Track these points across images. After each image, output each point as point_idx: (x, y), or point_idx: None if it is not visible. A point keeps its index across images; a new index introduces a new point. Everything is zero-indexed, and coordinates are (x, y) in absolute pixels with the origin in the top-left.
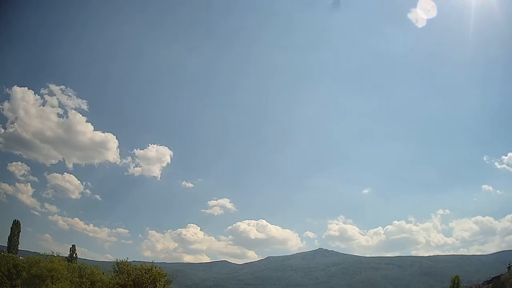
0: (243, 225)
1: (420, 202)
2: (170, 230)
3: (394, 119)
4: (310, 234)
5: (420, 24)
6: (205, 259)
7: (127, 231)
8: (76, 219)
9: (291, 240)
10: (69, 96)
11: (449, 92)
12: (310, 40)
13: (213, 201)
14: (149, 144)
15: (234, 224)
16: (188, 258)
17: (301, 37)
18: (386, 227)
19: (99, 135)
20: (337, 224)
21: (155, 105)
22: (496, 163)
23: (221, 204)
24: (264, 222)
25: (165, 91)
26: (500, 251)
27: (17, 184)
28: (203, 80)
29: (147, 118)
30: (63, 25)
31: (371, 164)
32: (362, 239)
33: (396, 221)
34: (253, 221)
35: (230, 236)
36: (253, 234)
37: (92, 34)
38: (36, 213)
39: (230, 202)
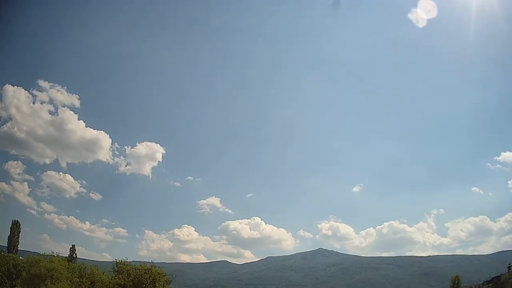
0: (233, 224)
1: (414, 202)
2: (166, 230)
3: (392, 118)
4: (303, 233)
5: (421, 24)
6: (202, 259)
7: (124, 230)
8: (72, 218)
9: (285, 240)
10: (61, 94)
11: (448, 92)
12: (310, 40)
13: (203, 200)
14: (142, 142)
15: (223, 224)
16: (184, 258)
17: (302, 37)
18: (380, 227)
19: (92, 133)
20: (327, 223)
21: (147, 102)
22: (491, 163)
23: (213, 203)
24: (258, 220)
25: (158, 88)
26: (500, 251)
27: (13, 183)
28: (200, 80)
29: (139, 115)
30: (54, 23)
31: (364, 164)
32: (357, 240)
33: (390, 221)
34: (245, 220)
35: (224, 236)
36: (246, 233)
37: (84, 32)
38: (33, 211)
39: (221, 202)
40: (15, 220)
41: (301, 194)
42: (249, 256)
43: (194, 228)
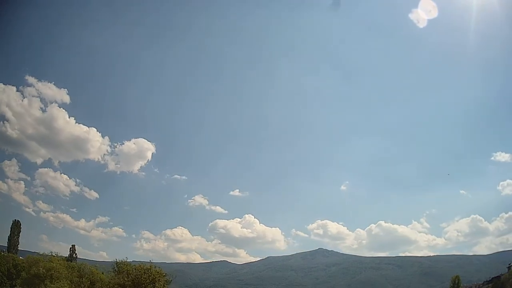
0: (223, 223)
1: (406, 202)
2: (160, 230)
3: (390, 118)
4: (296, 233)
5: (421, 25)
6: (198, 258)
7: (119, 229)
8: (68, 217)
9: (278, 239)
10: (50, 89)
11: (446, 92)
12: (309, 40)
13: (192, 199)
14: (132, 139)
15: (212, 223)
16: (180, 257)
17: (301, 37)
18: (372, 227)
19: (84, 131)
20: (317, 223)
21: (135, 98)
22: (485, 163)
23: (201, 202)
24: (250, 218)
25: (150, 86)
26: (499, 251)
27: (10, 182)
28: (194, 79)
29: (129, 111)
30: (42, 20)
31: (358, 164)
32: (351, 240)
33: (382, 221)
34: (237, 218)
35: (216, 235)
36: (237, 232)
37: (73, 28)
38: (29, 211)
39: (209, 200)
40: (15, 220)
41: (290, 193)
42: (244, 256)
43: (187, 228)
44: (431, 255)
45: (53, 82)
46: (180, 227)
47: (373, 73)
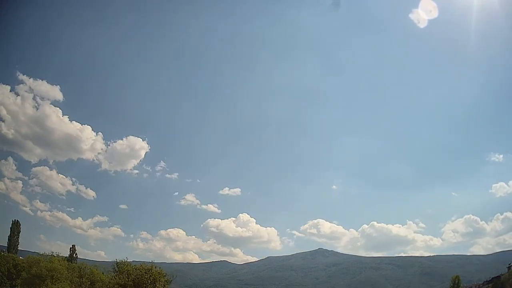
0: (215, 222)
1: (403, 202)
2: (157, 230)
3: (389, 118)
4: (291, 233)
5: (422, 25)
6: (196, 258)
7: (117, 229)
8: (66, 216)
9: (273, 239)
10: (44, 88)
11: (446, 92)
12: (309, 40)
13: (183, 199)
14: (125, 137)
15: (204, 222)
16: (177, 257)
17: (302, 37)
18: (366, 227)
19: (78, 129)
20: (310, 223)
21: (131, 97)
22: (480, 163)
23: (194, 201)
24: (246, 217)
25: (145, 85)
26: (499, 251)
27: (7, 182)
28: (192, 79)
29: (124, 109)
30: (38, 19)
31: (353, 163)
32: (346, 240)
33: (377, 222)
34: (232, 218)
35: (210, 235)
36: (232, 232)
37: (71, 26)
38: (27, 210)
39: (202, 200)
40: (15, 220)
41: (285, 193)
42: (241, 255)
43: (181, 228)
44: (431, 255)
45: (46, 80)
46: (176, 228)
47: (372, 73)
